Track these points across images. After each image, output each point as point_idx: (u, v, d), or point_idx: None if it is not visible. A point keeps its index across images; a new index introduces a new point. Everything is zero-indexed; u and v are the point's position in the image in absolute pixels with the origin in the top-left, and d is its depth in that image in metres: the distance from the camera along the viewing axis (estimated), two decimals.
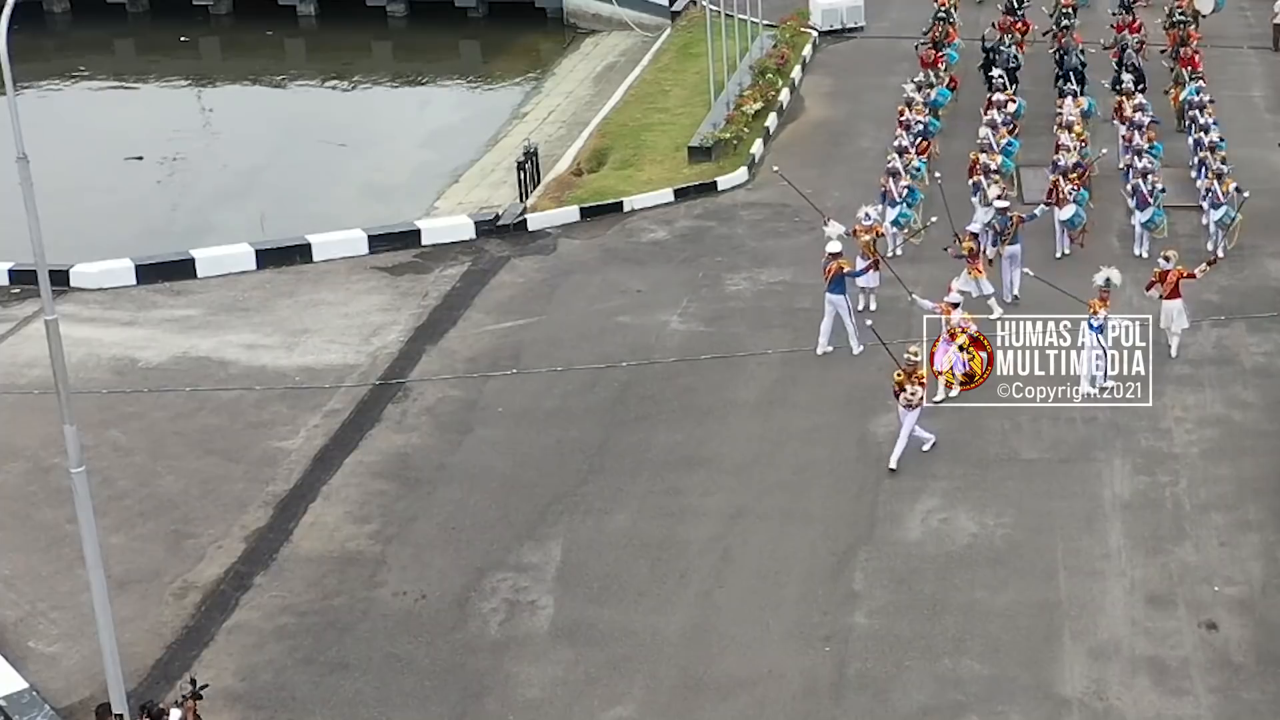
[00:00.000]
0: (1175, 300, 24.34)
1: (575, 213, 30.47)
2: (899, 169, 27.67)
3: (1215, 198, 28.07)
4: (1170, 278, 24.19)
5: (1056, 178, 28.00)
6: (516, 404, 23.90)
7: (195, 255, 28.03)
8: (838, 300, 24.66)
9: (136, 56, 46.44)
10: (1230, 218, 27.70)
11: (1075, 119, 30.59)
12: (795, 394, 23.99)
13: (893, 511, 21.14)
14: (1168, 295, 24.29)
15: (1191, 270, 24.41)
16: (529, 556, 20.24)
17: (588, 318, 26.63)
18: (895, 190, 27.36)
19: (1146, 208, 27.87)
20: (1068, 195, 27.69)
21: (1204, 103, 31.93)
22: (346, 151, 36.83)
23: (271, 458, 22.42)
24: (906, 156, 28.35)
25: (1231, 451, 22.47)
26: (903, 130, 29.82)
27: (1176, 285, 24.20)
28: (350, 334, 25.98)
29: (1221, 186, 27.97)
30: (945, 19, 36.58)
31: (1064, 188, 27.71)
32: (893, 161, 27.89)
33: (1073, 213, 27.75)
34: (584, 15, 45.55)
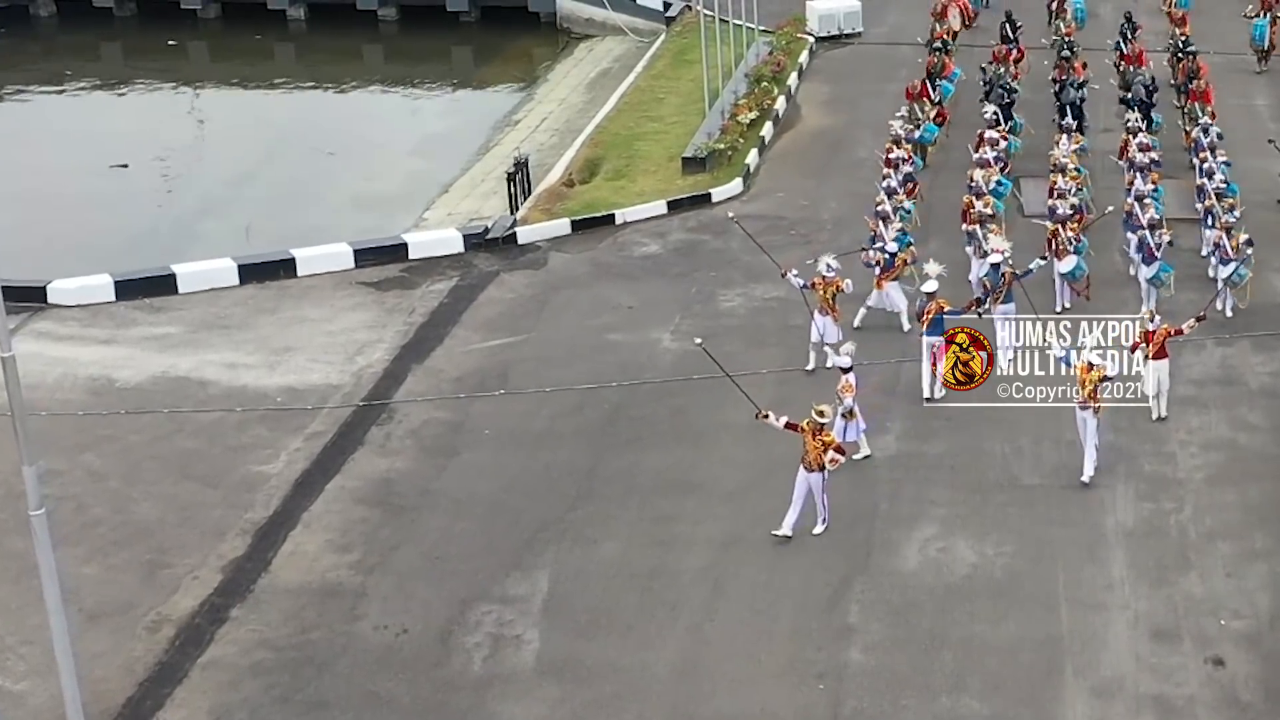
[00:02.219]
0: (1162, 360, 22.78)
1: (566, 225, 29.87)
2: (888, 212, 26.43)
3: (1224, 253, 26.06)
4: (1157, 337, 22.60)
5: (1055, 227, 25.96)
6: (504, 426, 23.30)
7: (176, 270, 27.39)
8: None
9: (123, 61, 45.75)
10: (1240, 276, 25.56)
11: (1070, 159, 28.87)
12: (789, 415, 23.31)
13: (889, 540, 20.56)
14: (1154, 355, 22.67)
15: (1179, 326, 22.72)
16: (515, 588, 19.64)
17: (578, 335, 26.03)
18: (885, 234, 26.02)
19: (1153, 262, 25.66)
20: (1067, 245, 25.65)
21: (1214, 143, 29.93)
22: (335, 160, 36.22)
23: (251, 483, 21.81)
24: (897, 198, 27.11)
25: (1237, 476, 21.91)
26: (890, 170, 28.38)
27: (1164, 344, 22.67)
28: (334, 352, 25.37)
29: (1231, 241, 25.94)
30: (942, 49, 34.94)
31: (1063, 237, 25.72)
32: (882, 204, 26.67)
33: (1073, 265, 25.56)
34: (578, 20, 44.93)
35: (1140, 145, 29.11)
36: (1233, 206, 26.99)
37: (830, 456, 20.02)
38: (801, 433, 20.14)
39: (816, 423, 20.09)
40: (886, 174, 28.23)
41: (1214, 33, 39.53)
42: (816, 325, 24.18)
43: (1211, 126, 30.55)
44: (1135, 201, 26.93)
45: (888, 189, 27.37)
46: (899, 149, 28.88)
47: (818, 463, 20.09)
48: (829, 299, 24.06)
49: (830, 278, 24.08)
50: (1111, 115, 33.47)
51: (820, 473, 20.18)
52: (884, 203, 26.56)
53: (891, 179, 27.81)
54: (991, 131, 30.00)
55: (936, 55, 34.42)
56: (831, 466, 20.10)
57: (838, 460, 20.10)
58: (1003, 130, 30.45)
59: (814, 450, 20.05)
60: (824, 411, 20.13)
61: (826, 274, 24.12)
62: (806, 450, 20.14)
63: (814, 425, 20.09)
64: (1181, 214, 29.24)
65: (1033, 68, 36.12)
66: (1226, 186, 27.84)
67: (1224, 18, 41.27)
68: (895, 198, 26.98)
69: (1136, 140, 29.45)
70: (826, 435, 20.11)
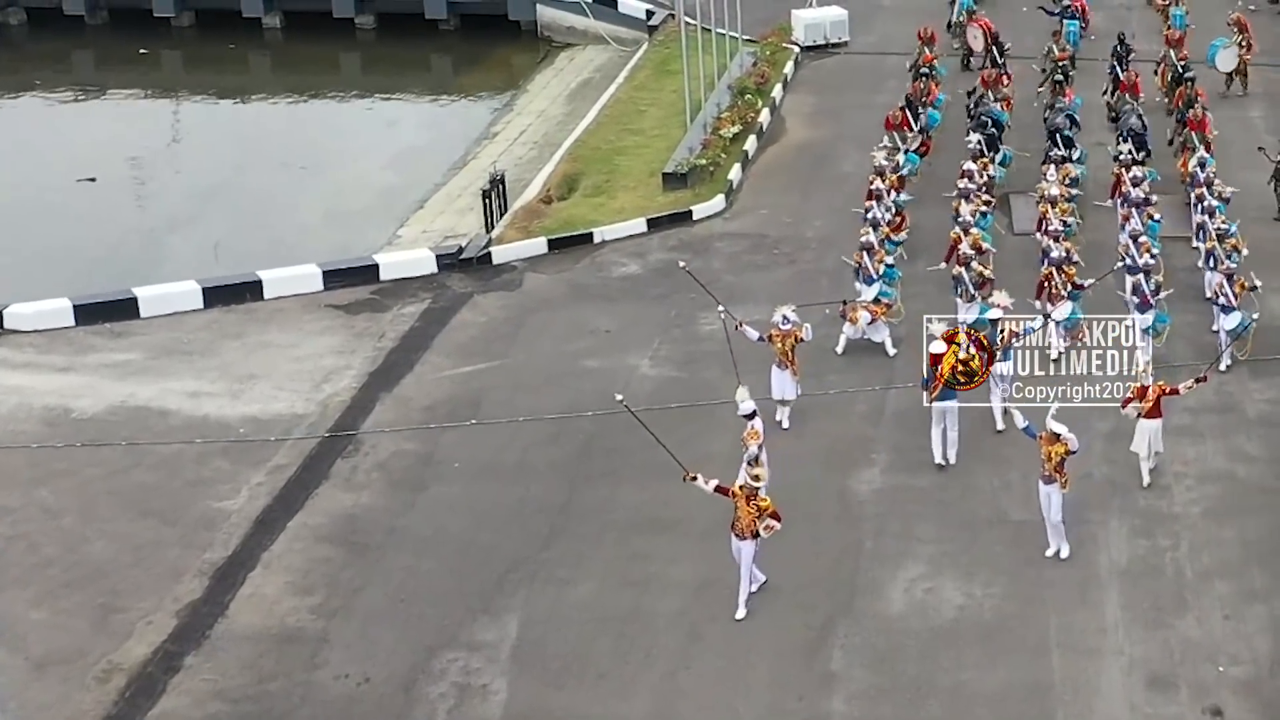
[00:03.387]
0: (1154, 420, 21.28)
1: (543, 244, 29.01)
2: (873, 243, 25.31)
3: (1227, 300, 24.40)
4: (1150, 394, 21.20)
5: (1049, 270, 24.43)
6: (475, 458, 22.48)
7: (138, 294, 26.47)
8: (949, 406, 21.75)
9: (95, 70, 44.74)
10: (1244, 326, 23.80)
11: (1060, 191, 27.42)
12: (770, 446, 22.33)
13: (873, 580, 19.78)
14: (1146, 414, 21.23)
15: (1175, 386, 21.42)
16: (483, 632, 18.85)
17: (553, 361, 25.20)
18: (871, 267, 25.02)
19: (1148, 310, 24.04)
20: (1062, 290, 24.10)
21: (1212, 178, 28.13)
22: (308, 174, 35.34)
23: (210, 520, 20.97)
24: (882, 230, 25.92)
25: (1235, 511, 21.16)
26: (874, 202, 26.98)
27: (1158, 402, 21.19)
28: (300, 380, 24.51)
29: (1234, 287, 24.31)
30: (928, 75, 33.18)
31: (1057, 281, 24.23)
32: (866, 235, 25.51)
33: (1069, 311, 23.76)
34: (559, 28, 44.02)
35: (1134, 179, 27.44)
36: (1235, 248, 25.48)
37: (766, 524, 18.59)
38: (733, 498, 18.73)
39: (751, 487, 18.59)
40: (869, 206, 26.92)
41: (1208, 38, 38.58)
42: (774, 380, 22.69)
43: (1208, 160, 28.88)
44: (1130, 241, 25.47)
45: (872, 220, 26.21)
46: (882, 180, 27.49)
47: (750, 530, 18.60)
48: (787, 351, 22.52)
49: (787, 329, 22.53)
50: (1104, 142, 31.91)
51: (753, 540, 18.70)
52: (868, 234, 25.54)
53: (875, 210, 26.57)
54: (971, 163, 28.29)
55: (922, 81, 32.83)
56: (766, 534, 18.67)
57: (773, 528, 18.65)
58: (986, 160, 28.87)
59: (747, 516, 18.56)
60: (759, 475, 18.68)
61: (783, 325, 22.56)
62: (738, 516, 18.64)
63: (748, 490, 18.60)
64: (1176, 231, 28.57)
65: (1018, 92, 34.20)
66: (1228, 227, 26.24)
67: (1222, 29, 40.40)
68: (880, 230, 25.92)
69: (1130, 174, 27.73)
70: (761, 500, 18.54)
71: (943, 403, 21.66)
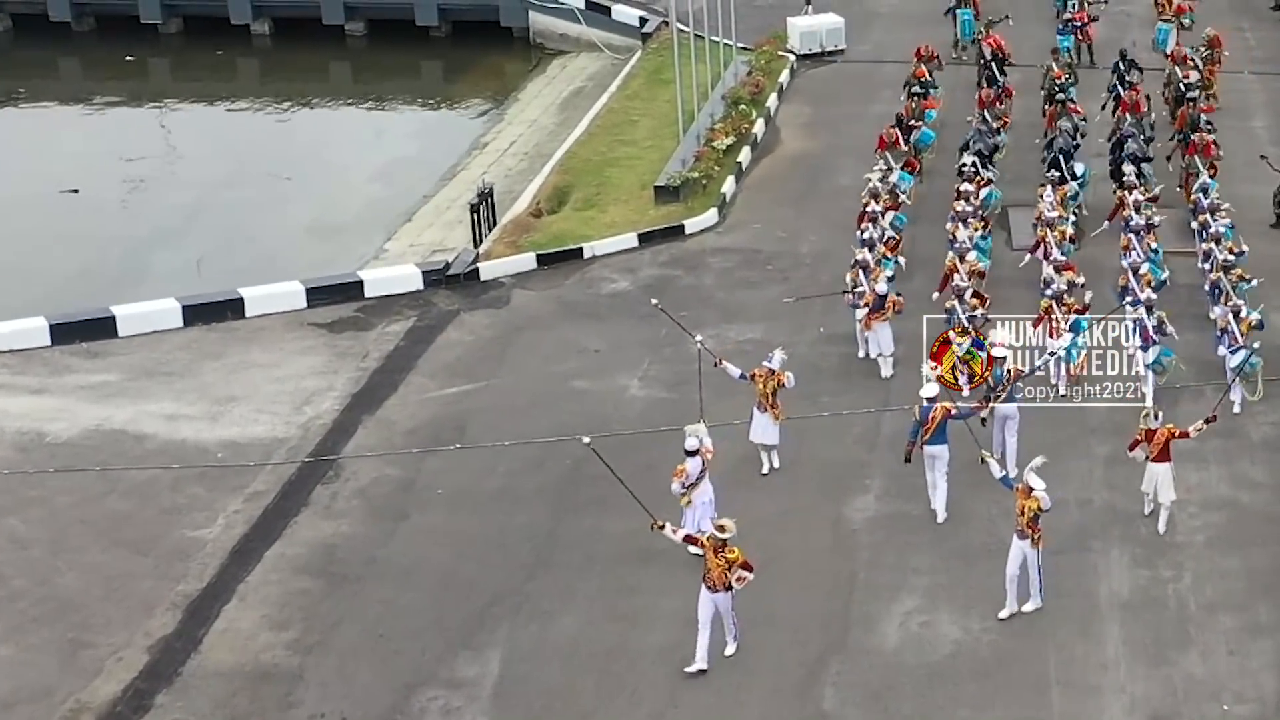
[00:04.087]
0: (1164, 464, 20.28)
1: (531, 260, 28.40)
2: (868, 261, 24.62)
3: (1232, 338, 23.18)
4: (1158, 437, 20.20)
5: (1049, 303, 23.39)
6: (458, 484, 21.88)
7: (116, 312, 25.83)
8: (939, 452, 20.73)
9: (82, 78, 44.22)
10: (1252, 365, 22.76)
11: (1057, 213, 26.30)
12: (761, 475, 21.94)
13: (868, 614, 19.18)
14: (1155, 458, 20.30)
15: (1184, 429, 20.33)
16: (464, 669, 18.24)
17: (540, 382, 24.59)
18: (865, 283, 24.22)
19: (1150, 346, 23.07)
20: (1062, 325, 23.14)
21: (1217, 204, 26.93)
22: (294, 185, 34.73)
23: (185, 550, 20.36)
24: (878, 250, 25.16)
25: (1239, 540, 20.56)
26: (869, 224, 26.22)
27: (1166, 446, 20.21)
28: (281, 402, 23.90)
29: (1241, 325, 23.06)
30: (922, 94, 32.17)
31: (1057, 314, 23.18)
32: (861, 255, 24.84)
33: (1068, 343, 23.03)
34: (551, 35, 43.43)
35: (1136, 203, 26.53)
36: (1242, 278, 24.51)
37: (737, 575, 17.76)
38: (702, 548, 17.93)
39: (717, 539, 17.73)
40: (864, 227, 26.15)
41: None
42: (754, 423, 21.68)
43: (1211, 185, 27.79)
44: (1131, 273, 24.37)
45: (867, 241, 25.47)
46: (876, 202, 26.74)
47: (722, 582, 17.72)
48: (769, 394, 21.46)
49: (772, 369, 21.50)
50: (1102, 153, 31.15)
51: (726, 593, 17.84)
52: (863, 253, 24.90)
53: (871, 231, 25.84)
54: (967, 184, 27.47)
55: (914, 100, 31.82)
56: (738, 585, 17.84)
57: (745, 579, 17.81)
58: (981, 181, 27.99)
59: (717, 568, 17.70)
60: (724, 526, 17.70)
61: (768, 363, 21.58)
62: (709, 568, 17.78)
63: (714, 542, 17.75)
64: (1178, 246, 27.97)
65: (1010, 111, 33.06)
66: (1237, 255, 25.32)
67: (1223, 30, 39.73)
68: (876, 250, 25.21)
69: (1132, 198, 26.80)
70: (731, 552, 17.66)
71: (933, 447, 20.52)
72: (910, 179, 28.91)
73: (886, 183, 27.62)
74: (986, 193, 27.87)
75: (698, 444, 19.63)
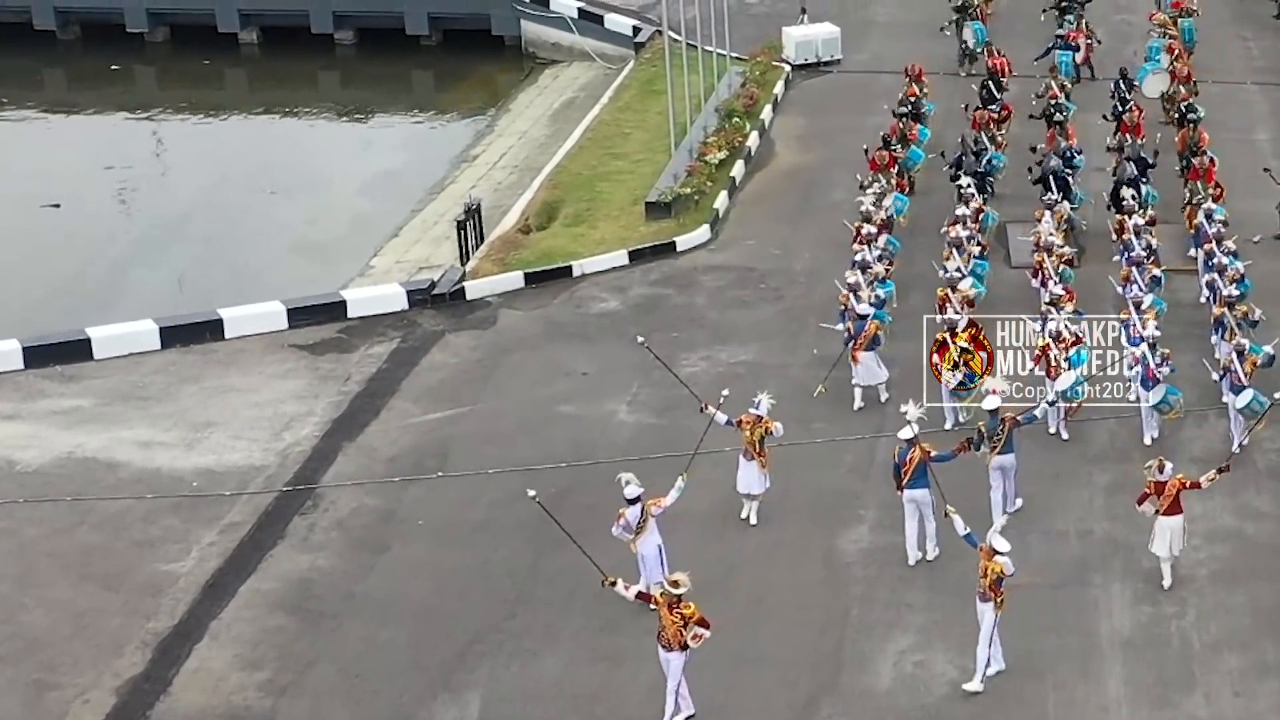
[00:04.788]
0: (1175, 517, 19.24)
1: (519, 279, 27.75)
2: (860, 283, 23.90)
3: (1235, 378, 21.99)
4: (1169, 490, 19.17)
5: (1047, 342, 22.31)
6: (440, 515, 21.26)
7: (91, 334, 25.18)
8: (920, 497, 19.83)
9: (67, 88, 43.63)
10: (1260, 404, 21.52)
11: (1056, 238, 25.74)
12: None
13: (861, 652, 18.58)
14: (1165, 510, 19.24)
15: (1196, 480, 19.36)
16: (443, 712, 17.68)
17: (526, 407, 23.96)
18: (856, 306, 23.47)
19: (1154, 385, 22.09)
20: (1061, 364, 22.11)
21: (1221, 234, 25.71)
22: (280, 199, 34.11)
23: (156, 585, 19.74)
24: (872, 272, 24.43)
25: (1245, 574, 19.96)
26: (865, 246, 25.37)
27: (1177, 498, 19.16)
28: (259, 427, 23.27)
29: (1245, 364, 21.92)
30: (911, 113, 31.15)
31: (1055, 352, 22.13)
32: (854, 277, 24.14)
33: (1072, 381, 21.93)
34: (543, 44, 42.79)
35: (1136, 228, 25.60)
36: (1246, 315, 23.47)
37: (693, 633, 16.82)
38: (655, 605, 17.11)
39: (671, 595, 16.80)
40: (859, 249, 25.35)
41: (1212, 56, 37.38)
42: (740, 472, 20.65)
43: (1215, 212, 26.54)
44: (1134, 308, 23.28)
45: (861, 263, 24.69)
46: (870, 225, 25.97)
47: (677, 640, 16.78)
48: (755, 441, 20.41)
49: (760, 415, 20.44)
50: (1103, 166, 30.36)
51: (682, 652, 16.87)
52: (856, 275, 24.25)
53: (866, 253, 25.03)
54: (963, 207, 26.57)
55: (901, 120, 30.82)
56: (694, 644, 16.88)
57: (701, 636, 16.86)
58: (979, 203, 27.16)
59: (671, 626, 16.77)
60: (678, 581, 16.81)
61: (755, 409, 20.49)
62: (663, 625, 16.87)
63: (668, 597, 16.85)
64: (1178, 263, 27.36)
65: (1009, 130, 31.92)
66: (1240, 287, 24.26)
67: (1224, 39, 39.20)
68: (870, 271, 24.54)
69: (1133, 221, 25.86)
70: (686, 608, 16.73)
71: (914, 491, 19.60)
72: (906, 201, 28.19)
73: (880, 205, 26.92)
74: (984, 215, 27.18)
75: (637, 491, 18.62)
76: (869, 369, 23.37)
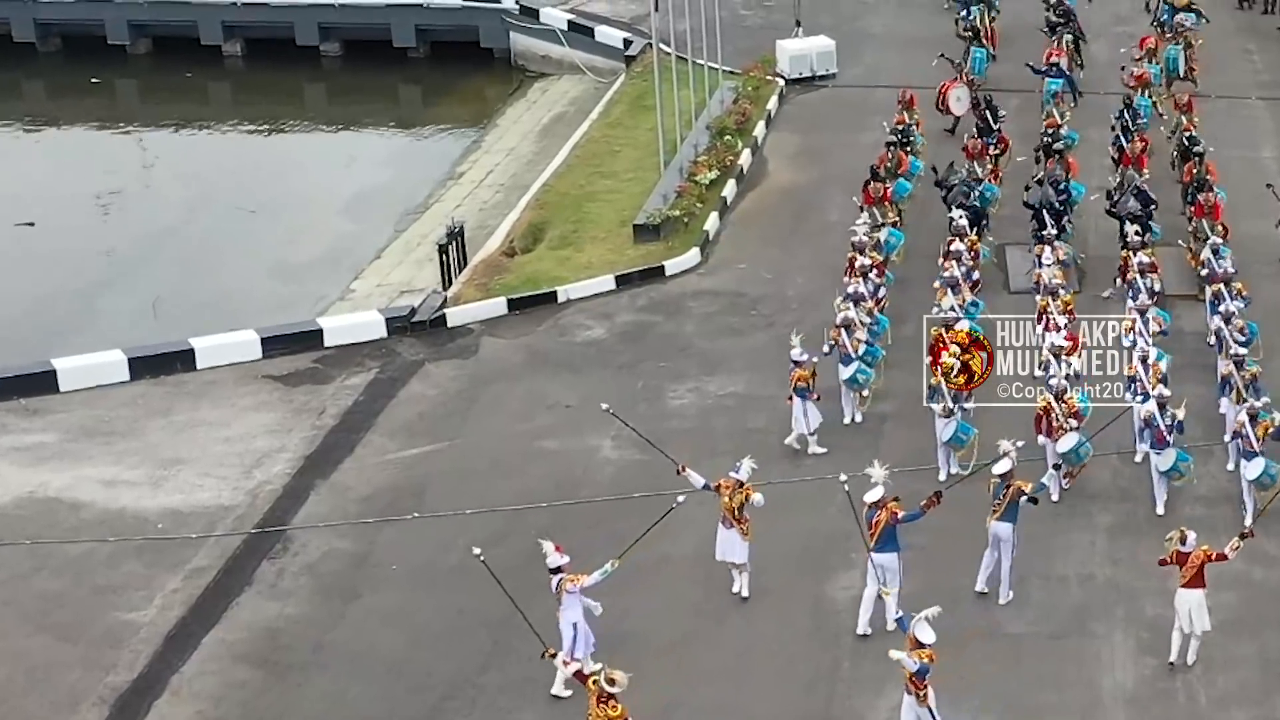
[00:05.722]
0: (1196, 590, 17.95)
1: (502, 305, 26.91)
2: (853, 320, 23.00)
3: (1248, 443, 20.57)
4: (1193, 560, 17.85)
5: (1048, 400, 20.95)
6: (414, 559, 20.44)
7: (57, 366, 24.32)
8: (888, 562, 18.59)
9: (46, 101, 42.77)
10: (1272, 478, 20.28)
11: (1059, 280, 24.31)
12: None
13: (852, 709, 17.82)
14: (1187, 583, 17.94)
15: (1221, 550, 18.02)
16: None
17: (507, 442, 23.13)
18: (849, 344, 22.77)
19: (1165, 449, 20.75)
20: (1064, 423, 20.81)
21: (1229, 275, 24.39)
22: (261, 218, 33.21)
23: (117, 635, 18.92)
24: (864, 305, 23.56)
25: (1253, 623, 19.13)
26: (859, 279, 24.38)
27: (1200, 571, 17.91)
28: (229, 464, 22.44)
29: (1258, 429, 20.54)
30: (901, 143, 29.84)
31: (1057, 412, 20.80)
32: (847, 310, 23.25)
33: (1074, 444, 20.68)
34: (533, 57, 41.92)
35: (1141, 266, 24.32)
36: (1255, 378, 21.90)
37: None
38: (587, 691, 15.90)
39: (604, 690, 15.74)
40: (853, 281, 24.36)
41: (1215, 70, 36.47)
42: (719, 541, 19.17)
43: (1223, 249, 25.26)
44: (1140, 363, 21.83)
45: (854, 295, 23.79)
46: (863, 256, 24.93)
47: None
48: (734, 508, 18.98)
49: (737, 478, 19.01)
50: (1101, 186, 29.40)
51: None
52: (848, 309, 23.38)
53: (860, 286, 24.08)
54: (959, 243, 25.31)
55: (890, 150, 29.47)
56: None
57: None
58: (973, 239, 26.02)
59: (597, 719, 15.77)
60: (615, 679, 15.73)
61: (735, 473, 19.06)
62: (589, 715, 15.88)
63: (598, 688, 15.79)
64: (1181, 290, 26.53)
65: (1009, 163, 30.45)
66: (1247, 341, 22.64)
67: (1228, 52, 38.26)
68: (863, 305, 23.68)
69: (1137, 259, 24.57)
70: (613, 709, 15.68)
71: (881, 555, 18.29)
72: (901, 236, 27.19)
73: (872, 237, 26.04)
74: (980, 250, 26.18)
75: (558, 561, 17.49)
76: (795, 416, 22.28)
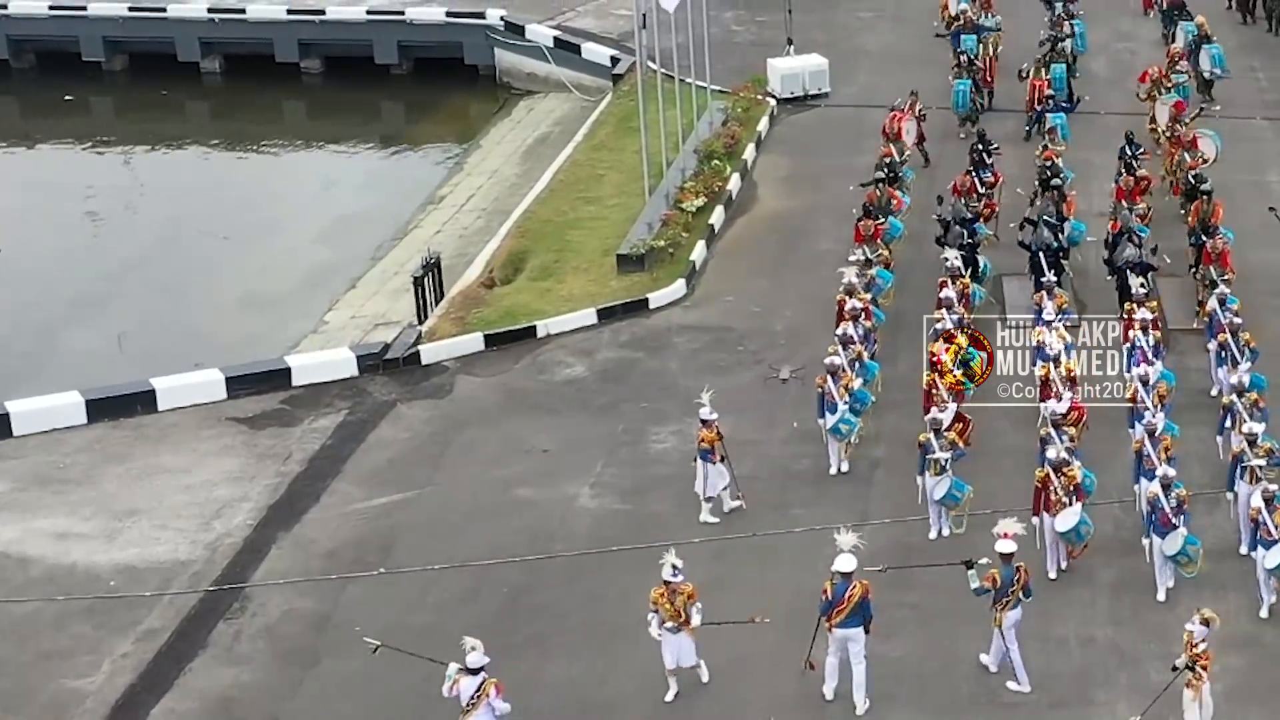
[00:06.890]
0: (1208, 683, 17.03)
1: (479, 341, 25.86)
2: (840, 366, 22.02)
3: (1265, 530, 19.02)
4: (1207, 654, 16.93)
5: (1047, 472, 19.67)
6: (379, 619, 19.34)
7: (10, 409, 23.28)
8: (854, 635, 17.59)
9: (19, 118, 41.84)
10: None
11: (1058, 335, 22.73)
12: (725, 603, 19.13)
13: None
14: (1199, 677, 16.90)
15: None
16: None
17: (480, 490, 22.10)
18: (835, 392, 21.76)
19: (1170, 531, 19.40)
20: (1064, 498, 19.54)
21: (1235, 325, 23.01)
22: (233, 245, 32.22)
23: (61, 706, 17.93)
24: (853, 349, 22.55)
25: (1262, 689, 18.15)
26: (849, 322, 23.29)
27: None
28: (188, 515, 21.41)
29: (1276, 516, 18.86)
30: (890, 178, 28.47)
31: (1056, 485, 19.53)
32: (835, 356, 22.26)
33: (1075, 521, 19.50)
34: (518, 74, 40.91)
35: (1143, 324, 22.78)
36: (1271, 453, 20.22)
37: None
38: None
39: None
40: (844, 324, 23.26)
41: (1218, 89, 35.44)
42: (665, 647, 17.74)
43: (1230, 299, 23.71)
44: (1146, 437, 20.36)
45: (843, 337, 22.73)
46: (853, 298, 23.88)
47: None
48: (679, 610, 17.58)
49: (677, 584, 17.61)
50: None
51: None
52: (838, 353, 22.34)
53: (851, 329, 22.95)
54: (949, 290, 24.04)
55: (878, 188, 27.93)
56: None
57: None
58: (965, 281, 24.79)
59: None
60: None
61: (673, 579, 17.65)
62: None
63: None
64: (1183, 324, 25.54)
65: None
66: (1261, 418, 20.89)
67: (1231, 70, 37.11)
68: (852, 348, 22.66)
69: (1139, 315, 23.10)
70: None
71: (846, 629, 17.42)
72: (890, 277, 26.10)
73: (864, 276, 24.99)
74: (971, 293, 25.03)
75: (481, 661, 16.37)
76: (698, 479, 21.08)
